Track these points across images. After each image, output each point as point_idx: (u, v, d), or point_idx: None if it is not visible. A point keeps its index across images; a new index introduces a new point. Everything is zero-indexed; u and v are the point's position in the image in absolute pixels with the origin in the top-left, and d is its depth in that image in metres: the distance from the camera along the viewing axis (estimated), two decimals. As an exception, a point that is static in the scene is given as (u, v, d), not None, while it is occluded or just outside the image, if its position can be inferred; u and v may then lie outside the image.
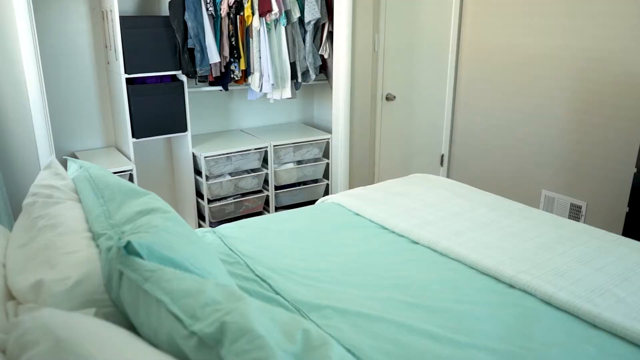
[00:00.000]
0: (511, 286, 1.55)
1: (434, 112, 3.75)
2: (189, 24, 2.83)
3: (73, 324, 0.77)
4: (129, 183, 1.50)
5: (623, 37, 2.78)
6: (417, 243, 1.84)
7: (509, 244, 1.77)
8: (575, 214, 3.18)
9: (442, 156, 3.88)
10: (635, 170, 2.45)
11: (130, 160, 2.87)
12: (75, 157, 3.00)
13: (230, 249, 1.77)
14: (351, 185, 3.48)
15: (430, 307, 1.44)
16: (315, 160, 3.50)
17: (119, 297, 1.00)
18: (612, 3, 2.80)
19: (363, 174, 3.51)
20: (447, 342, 1.28)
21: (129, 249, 1.00)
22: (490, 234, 1.85)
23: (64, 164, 2.94)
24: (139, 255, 1.00)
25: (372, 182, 3.62)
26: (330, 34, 3.30)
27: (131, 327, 1.00)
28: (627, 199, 2.78)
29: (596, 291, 1.47)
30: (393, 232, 1.93)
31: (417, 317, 1.39)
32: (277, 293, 1.50)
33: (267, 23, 3.04)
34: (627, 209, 2.52)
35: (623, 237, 1.85)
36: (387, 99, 3.47)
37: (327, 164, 3.52)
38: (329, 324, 1.36)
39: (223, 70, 3.03)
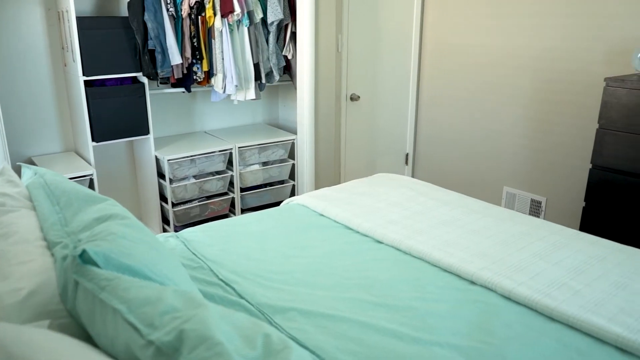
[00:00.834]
0: (473, 283, 1.58)
1: (398, 111, 3.79)
2: (149, 25, 2.78)
3: (25, 338, 0.74)
4: (87, 189, 1.46)
5: (579, 37, 2.88)
6: (381, 242, 1.85)
7: (470, 241, 1.80)
8: (535, 209, 3.27)
9: (407, 155, 3.93)
10: (590, 166, 2.53)
11: (90, 164, 2.80)
12: (33, 163, 2.91)
13: (193, 253, 1.75)
14: (317, 186, 3.49)
15: (394, 305, 1.45)
16: (281, 161, 3.49)
17: (75, 308, 0.97)
18: (569, 4, 2.89)
19: (329, 174, 3.52)
20: (411, 340, 1.29)
21: (84, 258, 0.98)
22: (452, 232, 1.88)
23: (19, 170, 2.84)
24: (95, 263, 0.98)
25: (338, 182, 3.64)
26: (294, 35, 3.30)
27: (88, 339, 0.97)
28: (584, 194, 2.87)
29: (553, 285, 1.51)
30: (357, 232, 1.94)
31: (382, 316, 1.40)
32: (241, 297, 1.49)
33: (229, 24, 3.01)
34: (583, 204, 2.61)
35: (579, 232, 1.91)
36: (351, 99, 3.49)
37: (293, 165, 3.52)
38: (294, 326, 1.36)
39: (185, 71, 2.99)
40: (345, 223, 1.99)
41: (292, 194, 3.61)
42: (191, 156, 3.05)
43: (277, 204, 3.53)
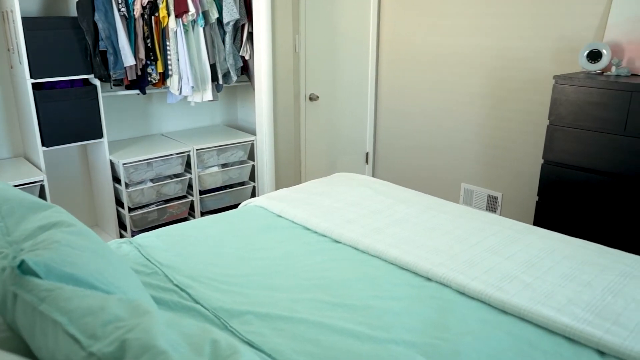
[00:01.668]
0: (429, 279, 1.60)
1: (357, 110, 3.81)
2: (100, 25, 2.71)
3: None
4: (31, 196, 1.40)
5: (529, 36, 2.96)
6: (339, 242, 1.86)
7: (426, 238, 1.82)
8: (492, 205, 3.34)
9: (367, 154, 3.95)
10: (542, 161, 2.61)
11: (40, 170, 2.71)
12: (-21, 169, 2.79)
13: (147, 259, 1.70)
14: (278, 187, 3.47)
15: (352, 305, 1.46)
16: (241, 162, 3.46)
17: (15, 321, 0.93)
18: (519, 4, 2.96)
19: (289, 174, 3.51)
20: (368, 339, 1.30)
21: (23, 269, 0.94)
22: (409, 230, 1.90)
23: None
24: (35, 274, 0.94)
25: (299, 183, 3.63)
26: (251, 35, 3.27)
27: (29, 353, 0.93)
28: (537, 189, 2.95)
29: (506, 279, 1.55)
30: (316, 232, 1.94)
31: (339, 316, 1.40)
32: (196, 302, 1.46)
33: (184, 24, 2.96)
34: (537, 199, 2.68)
35: (530, 226, 1.96)
36: (310, 99, 3.49)
37: (253, 166, 3.49)
38: (250, 329, 1.34)
39: (139, 73, 2.92)
40: (304, 223, 1.99)
41: (253, 195, 3.58)
42: (148, 159, 2.99)
43: (238, 206, 3.50)
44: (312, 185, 2.40)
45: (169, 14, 2.89)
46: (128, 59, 2.80)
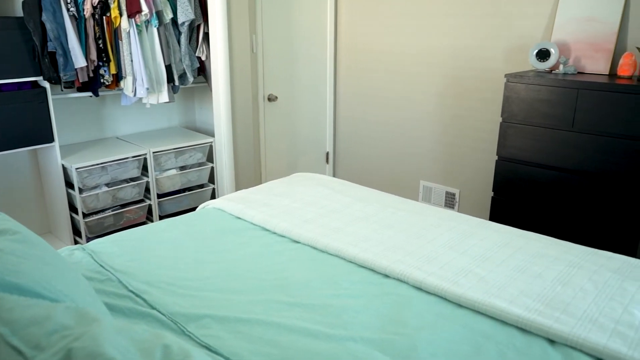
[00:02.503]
0: (387, 276, 1.62)
1: (316, 110, 3.82)
2: (48, 26, 2.62)
3: None
4: (-27, 204, 1.34)
5: (482, 36, 3.03)
6: (298, 242, 1.86)
7: (384, 236, 1.85)
8: (450, 201, 3.41)
9: (327, 154, 3.97)
10: (496, 157, 2.68)
11: (-13, 176, 2.60)
12: None
13: (101, 265, 1.66)
14: (238, 188, 3.44)
15: (310, 304, 1.46)
16: (200, 164, 3.41)
17: (-46, 334, 0.89)
18: (472, 5, 3.03)
19: (249, 175, 3.49)
20: (326, 338, 1.30)
21: (-38, 279, 0.90)
22: (367, 228, 1.92)
23: None
24: (-24, 284, 0.90)
25: (260, 184, 3.61)
26: (207, 35, 3.23)
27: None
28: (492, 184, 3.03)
29: (461, 273, 1.58)
30: (274, 233, 1.93)
31: (297, 316, 1.40)
32: (152, 307, 1.43)
33: (137, 24, 2.90)
34: (492, 194, 2.75)
35: (485, 220, 2.01)
36: (269, 99, 3.48)
37: (212, 168, 3.45)
38: (208, 333, 1.33)
39: (91, 74, 2.84)
40: (262, 225, 1.98)
41: (213, 197, 3.54)
42: (102, 163, 2.91)
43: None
44: (271, 186, 2.39)
45: (121, 14, 2.82)
46: (79, 61, 2.72)
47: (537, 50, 2.65)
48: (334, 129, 3.96)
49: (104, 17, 2.80)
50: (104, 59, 2.85)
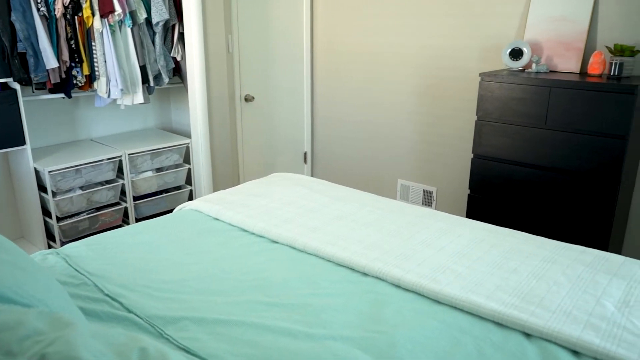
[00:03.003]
0: (365, 274, 1.63)
1: (294, 110, 3.81)
2: (17, 26, 2.56)
3: None
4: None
5: (457, 35, 3.07)
6: (276, 242, 1.85)
7: (362, 235, 1.85)
8: (427, 199, 3.44)
9: (305, 154, 3.97)
10: (472, 155, 2.71)
11: (-44, 181, 2.53)
12: None
13: (76, 269, 1.63)
14: (215, 189, 3.42)
15: (289, 304, 1.45)
16: (176, 166, 3.37)
17: None
18: (447, 4, 3.07)
19: (227, 176, 3.47)
20: (305, 337, 1.30)
21: None
22: (345, 227, 1.92)
23: None
24: (-56, 291, 0.88)
25: (238, 184, 3.59)
26: (182, 36, 3.20)
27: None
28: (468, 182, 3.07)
29: (438, 270, 1.60)
30: (252, 233, 1.92)
31: (276, 316, 1.40)
32: (129, 311, 1.41)
33: (110, 25, 2.86)
34: (468, 192, 2.78)
35: (461, 218, 2.04)
36: (246, 100, 3.46)
37: (189, 170, 3.42)
38: (186, 335, 1.32)
39: (64, 76, 2.79)
40: (240, 225, 1.97)
41: (190, 199, 3.50)
42: (76, 166, 2.86)
43: (175, 210, 3.41)
44: (248, 187, 2.38)
45: (93, 14, 2.77)
46: (50, 61, 2.67)
47: (510, 50, 2.69)
48: (312, 128, 3.96)
49: (76, 17, 2.75)
50: (77, 59, 2.80)
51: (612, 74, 2.41)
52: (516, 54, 2.68)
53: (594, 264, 1.65)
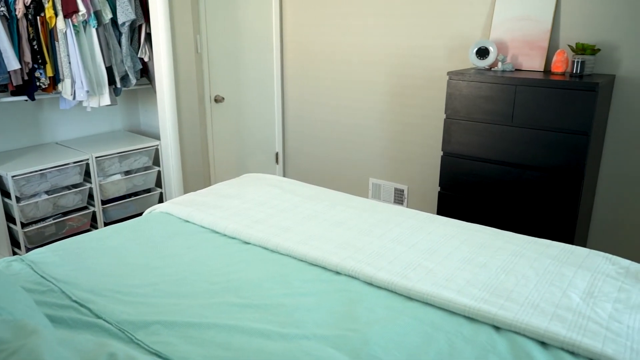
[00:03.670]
0: (338, 273, 1.63)
1: (264, 111, 3.80)
2: (-24, 27, 2.48)
3: None
4: None
5: (424, 35, 3.10)
6: (248, 243, 1.84)
7: (334, 233, 1.86)
8: (399, 197, 3.47)
9: (277, 154, 3.96)
10: (442, 153, 2.75)
11: None
12: None
13: (42, 276, 1.59)
14: (186, 191, 3.38)
15: (262, 305, 1.45)
16: (145, 168, 3.32)
17: None
18: (415, 4, 3.10)
19: (198, 178, 3.43)
20: (279, 337, 1.30)
21: None
22: (317, 226, 1.92)
23: None
24: None
25: (209, 186, 3.55)
26: (149, 36, 3.15)
27: None
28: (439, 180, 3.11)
29: (410, 266, 1.61)
30: (224, 235, 1.91)
31: (249, 317, 1.39)
32: (98, 317, 1.38)
33: (74, 25, 2.79)
34: (439, 189, 2.82)
35: (431, 215, 2.06)
36: (216, 100, 3.43)
37: (159, 172, 3.37)
38: (158, 340, 1.30)
39: (26, 77, 2.71)
40: (212, 227, 1.95)
41: (161, 202, 3.45)
42: (41, 170, 2.78)
43: (145, 214, 3.35)
44: (219, 188, 2.36)
45: (56, 14, 2.71)
46: (11, 63, 2.59)
47: (476, 49, 2.74)
48: (283, 129, 3.95)
49: (38, 18, 2.68)
50: (39, 61, 2.73)
51: (574, 72, 2.47)
52: (482, 53, 2.73)
53: (559, 257, 1.69)
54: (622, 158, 2.62)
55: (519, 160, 2.51)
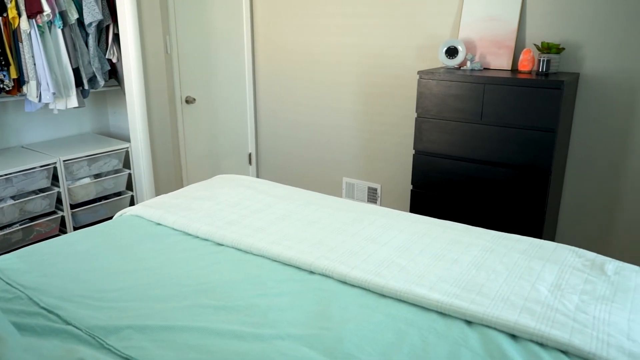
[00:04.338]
0: (312, 272, 1.63)
1: (237, 112, 3.77)
2: None
3: None
4: None
5: (395, 34, 3.13)
6: (221, 245, 1.83)
7: (307, 233, 1.86)
8: (372, 196, 3.49)
9: (250, 155, 3.94)
10: (414, 152, 2.77)
11: None
12: None
13: (8, 283, 1.55)
14: (158, 194, 3.33)
15: (236, 306, 1.44)
16: (116, 171, 3.26)
17: None
18: (384, 4, 3.12)
19: (170, 180, 3.39)
20: (253, 338, 1.29)
21: None
22: (290, 226, 1.92)
23: None
24: None
25: (181, 188, 3.51)
26: (117, 36, 3.10)
27: None
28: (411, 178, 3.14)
29: (383, 264, 1.63)
30: (197, 237, 1.89)
31: (223, 319, 1.38)
32: (67, 323, 1.35)
33: (38, 25, 2.73)
34: (411, 187, 2.85)
35: (404, 212, 2.08)
36: (187, 101, 3.39)
37: (130, 175, 3.31)
38: (129, 344, 1.28)
39: (-11, 80, 2.64)
40: (184, 229, 1.93)
41: (132, 205, 3.39)
42: (6, 175, 2.71)
43: (116, 217, 3.29)
44: (191, 190, 2.34)
45: (20, 14, 2.64)
46: (-27, 65, 2.52)
47: (445, 48, 2.78)
48: (256, 129, 3.93)
49: (0, 18, 2.61)
50: (3, 62, 2.66)
51: (540, 70, 2.53)
52: (452, 52, 2.76)
53: (528, 251, 1.73)
54: (588, 153, 2.69)
55: (488, 158, 2.55)
